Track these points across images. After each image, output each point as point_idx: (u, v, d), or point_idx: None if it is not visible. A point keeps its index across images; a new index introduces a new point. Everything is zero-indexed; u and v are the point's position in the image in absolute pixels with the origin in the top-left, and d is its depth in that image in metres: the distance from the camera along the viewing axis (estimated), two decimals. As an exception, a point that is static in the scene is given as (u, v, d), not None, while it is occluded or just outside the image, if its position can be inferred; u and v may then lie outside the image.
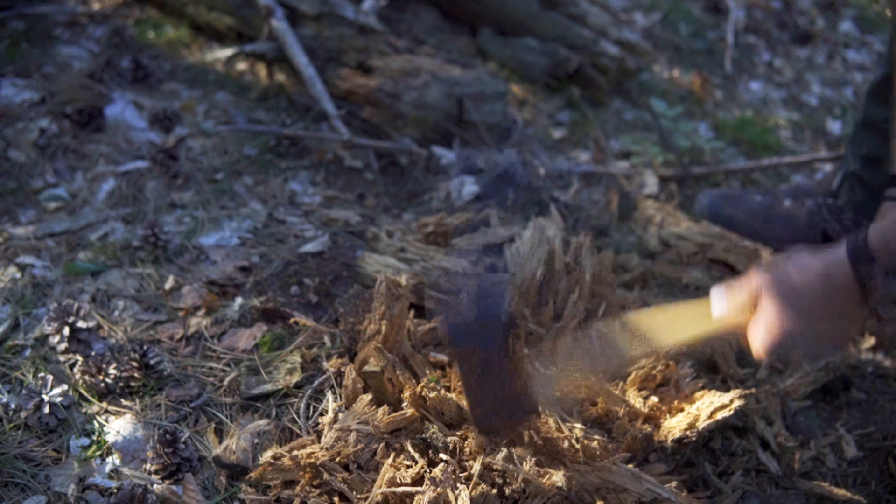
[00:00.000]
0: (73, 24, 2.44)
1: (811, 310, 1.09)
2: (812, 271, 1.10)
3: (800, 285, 1.10)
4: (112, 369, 1.38)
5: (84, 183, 1.89)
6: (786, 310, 1.10)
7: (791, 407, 1.49)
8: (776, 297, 1.11)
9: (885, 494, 1.38)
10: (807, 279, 1.10)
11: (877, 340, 1.74)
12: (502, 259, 1.68)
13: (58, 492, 1.21)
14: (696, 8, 3.42)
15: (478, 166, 2.04)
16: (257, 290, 1.62)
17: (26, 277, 1.60)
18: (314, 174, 2.03)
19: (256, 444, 1.29)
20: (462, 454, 1.21)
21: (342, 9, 2.26)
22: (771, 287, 1.12)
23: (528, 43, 2.59)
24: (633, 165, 2.29)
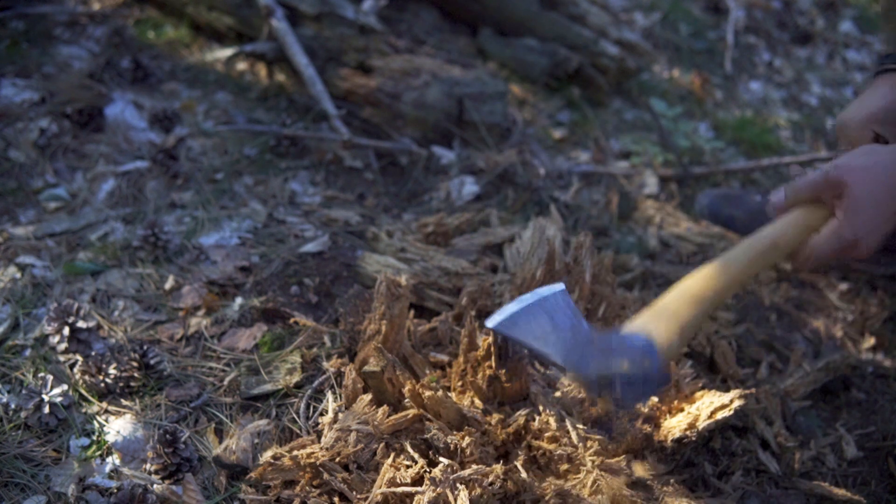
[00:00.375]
0: (73, 24, 2.44)
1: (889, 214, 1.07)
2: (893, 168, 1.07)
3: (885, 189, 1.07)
4: (112, 369, 1.38)
5: (84, 183, 1.89)
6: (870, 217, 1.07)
7: (791, 407, 1.49)
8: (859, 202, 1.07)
9: (885, 494, 1.38)
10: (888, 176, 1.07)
11: (877, 340, 1.74)
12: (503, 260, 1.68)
13: (58, 492, 1.21)
14: (696, 8, 3.42)
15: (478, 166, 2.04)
16: (257, 290, 1.62)
17: (26, 277, 1.61)
18: (314, 174, 2.03)
19: (256, 444, 1.29)
20: (462, 455, 1.21)
21: (342, 9, 2.26)
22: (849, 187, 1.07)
23: (528, 43, 2.59)
24: (633, 165, 2.29)
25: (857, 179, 1.08)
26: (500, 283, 1.57)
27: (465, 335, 1.37)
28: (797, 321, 1.78)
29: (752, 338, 1.69)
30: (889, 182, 1.07)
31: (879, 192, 1.07)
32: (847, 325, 1.79)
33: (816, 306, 1.84)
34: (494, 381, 1.31)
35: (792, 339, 1.72)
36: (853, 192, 1.08)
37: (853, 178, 1.08)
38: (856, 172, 1.08)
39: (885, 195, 1.07)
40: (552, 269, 1.57)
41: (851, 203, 1.08)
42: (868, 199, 1.07)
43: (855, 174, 1.08)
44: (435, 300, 1.57)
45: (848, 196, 1.09)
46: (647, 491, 1.20)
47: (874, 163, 1.09)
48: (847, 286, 1.89)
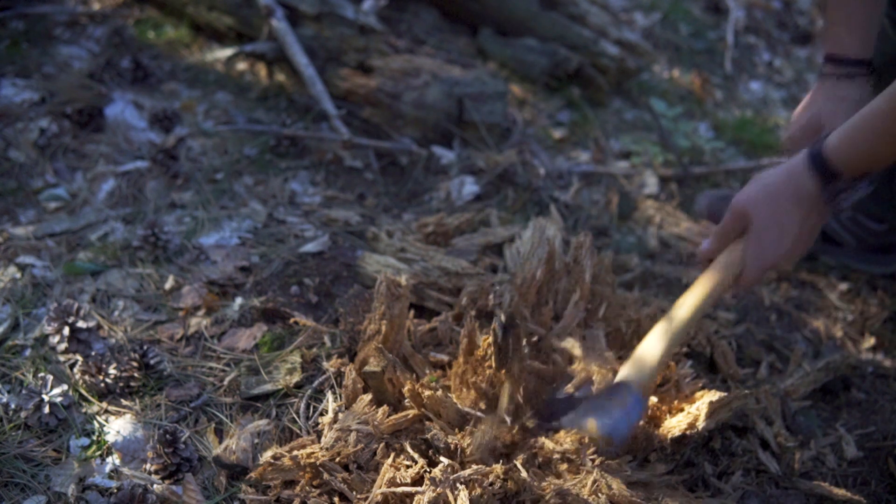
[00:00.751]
0: (73, 24, 2.44)
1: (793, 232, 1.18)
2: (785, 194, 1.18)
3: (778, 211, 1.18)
4: (112, 369, 1.38)
5: (84, 183, 1.89)
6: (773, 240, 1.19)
7: (791, 407, 1.49)
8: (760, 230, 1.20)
9: (885, 494, 1.38)
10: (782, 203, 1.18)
11: (877, 340, 1.74)
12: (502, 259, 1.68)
13: (58, 492, 1.21)
14: (696, 8, 3.42)
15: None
16: (257, 290, 1.62)
17: (26, 277, 1.61)
18: (314, 174, 2.03)
19: (256, 444, 1.29)
20: (463, 455, 1.21)
21: (342, 9, 2.26)
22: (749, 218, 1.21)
23: (528, 43, 2.59)
24: (633, 165, 2.29)
25: (756, 206, 1.20)
26: (500, 283, 1.57)
27: (465, 335, 1.37)
28: (797, 321, 1.78)
29: (752, 338, 1.69)
30: (784, 198, 1.18)
31: (778, 211, 1.18)
32: (847, 325, 1.79)
33: (816, 306, 1.84)
34: (495, 381, 1.31)
35: (792, 339, 1.72)
36: (755, 219, 1.20)
37: (752, 206, 1.20)
38: (753, 200, 1.20)
39: (784, 213, 1.18)
40: (552, 269, 1.57)
41: (756, 230, 1.20)
42: (770, 224, 1.19)
43: (753, 201, 1.20)
44: (435, 300, 1.57)
45: (753, 224, 1.20)
46: (647, 491, 1.20)
47: (765, 188, 1.20)
48: (847, 286, 1.89)
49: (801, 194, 1.17)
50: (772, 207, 1.18)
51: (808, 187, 1.16)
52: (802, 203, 1.17)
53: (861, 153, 1.12)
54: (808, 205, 1.17)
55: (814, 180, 1.15)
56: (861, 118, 1.12)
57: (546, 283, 1.55)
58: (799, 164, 1.17)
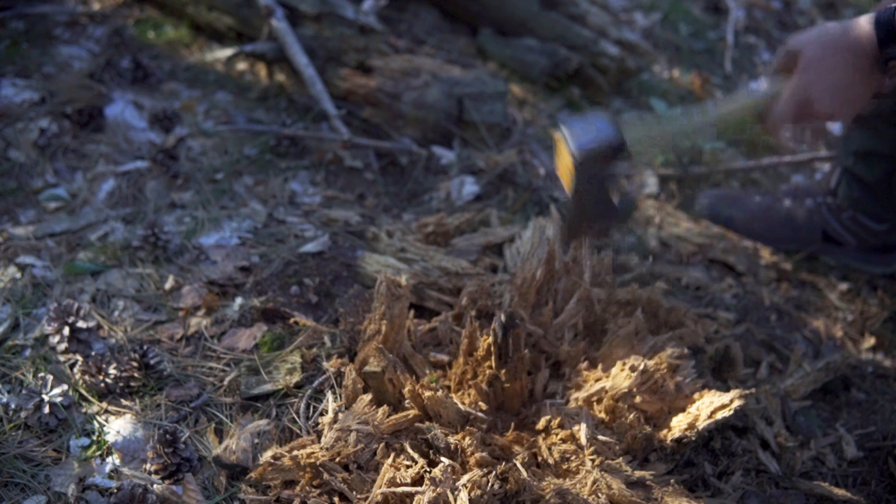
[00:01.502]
0: (73, 24, 2.44)
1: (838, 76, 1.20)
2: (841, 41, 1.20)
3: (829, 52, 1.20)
4: (112, 369, 1.38)
5: (84, 183, 1.89)
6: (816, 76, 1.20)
7: (791, 407, 1.49)
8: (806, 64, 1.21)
9: (885, 494, 1.38)
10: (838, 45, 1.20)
11: (877, 340, 1.74)
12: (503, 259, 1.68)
13: (58, 492, 1.21)
14: (696, 8, 3.42)
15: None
16: (257, 290, 1.62)
17: (26, 277, 1.61)
18: (314, 174, 2.03)
19: (256, 444, 1.29)
20: (463, 455, 1.21)
21: (342, 9, 2.26)
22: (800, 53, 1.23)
23: (528, 43, 2.58)
24: (633, 165, 2.29)
25: (808, 44, 1.23)
26: (500, 283, 1.58)
27: (466, 336, 1.37)
28: (797, 321, 1.78)
29: (752, 338, 1.69)
30: (836, 44, 1.20)
31: (827, 52, 1.21)
32: (847, 325, 1.79)
33: (816, 306, 1.84)
34: (495, 381, 1.31)
35: (792, 339, 1.72)
36: (804, 55, 1.22)
37: (805, 44, 1.23)
38: (808, 39, 1.24)
39: (833, 55, 1.20)
40: (552, 269, 1.57)
41: (802, 64, 1.23)
42: (816, 59, 1.21)
43: (806, 40, 1.24)
44: (435, 300, 1.57)
45: (800, 59, 1.23)
46: (646, 491, 1.20)
47: (824, 30, 1.23)
48: (847, 286, 1.89)
49: (855, 46, 1.18)
50: (822, 49, 1.20)
51: (864, 41, 1.17)
52: (853, 54, 1.18)
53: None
54: (859, 58, 1.18)
55: (872, 35, 1.16)
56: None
57: (546, 283, 1.55)
58: (862, 19, 1.19)
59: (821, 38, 1.22)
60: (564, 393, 1.40)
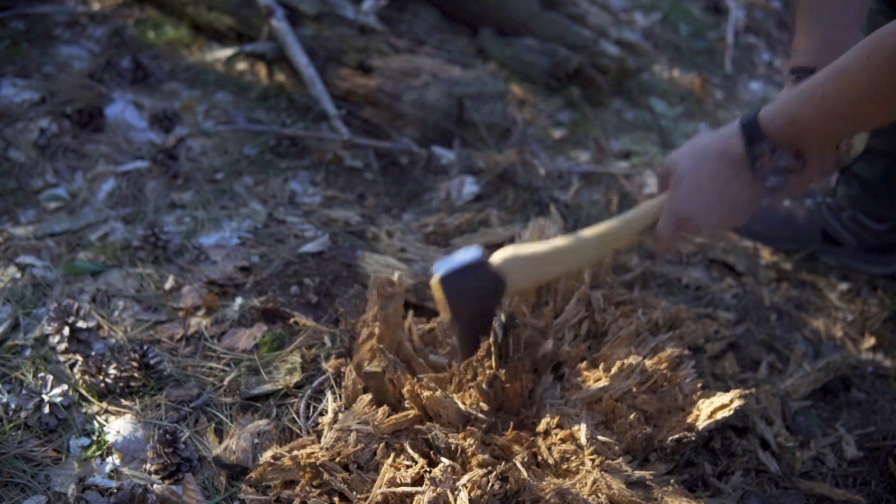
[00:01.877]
0: (73, 24, 2.44)
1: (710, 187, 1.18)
2: (710, 150, 1.19)
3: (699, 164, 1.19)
4: (112, 369, 1.38)
5: (84, 183, 1.89)
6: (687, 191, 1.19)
7: (791, 407, 1.49)
8: (678, 179, 1.21)
9: (885, 494, 1.38)
10: (707, 155, 1.19)
11: (877, 340, 1.74)
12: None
13: (58, 492, 1.21)
14: (696, 8, 3.42)
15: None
16: (257, 290, 1.62)
17: (26, 277, 1.61)
18: (314, 174, 2.03)
19: (256, 444, 1.29)
20: (463, 455, 1.21)
21: (342, 9, 2.26)
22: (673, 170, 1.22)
23: (528, 43, 2.58)
24: (633, 165, 2.29)
25: (680, 159, 1.22)
26: (500, 283, 1.57)
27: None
28: (797, 321, 1.78)
29: (752, 338, 1.69)
30: (705, 154, 1.20)
31: (696, 164, 1.20)
32: (847, 325, 1.79)
33: (816, 306, 1.84)
34: (495, 381, 1.31)
35: (792, 339, 1.72)
36: (676, 171, 1.21)
37: (677, 159, 1.22)
38: (680, 153, 1.22)
39: (702, 167, 1.19)
40: (552, 269, 1.56)
41: (674, 180, 1.21)
42: (686, 173, 1.20)
43: (679, 155, 1.22)
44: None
45: (673, 175, 1.22)
46: (646, 491, 1.20)
47: (696, 142, 1.22)
48: (847, 286, 1.89)
49: (726, 152, 1.17)
50: (694, 161, 1.19)
51: (733, 146, 1.16)
52: (724, 161, 1.17)
53: (787, 120, 1.13)
54: (731, 165, 1.17)
55: (740, 139, 1.16)
56: (798, 89, 1.12)
57: (546, 283, 1.55)
58: (732, 125, 1.18)
59: (692, 149, 1.21)
60: (564, 393, 1.40)
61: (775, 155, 1.15)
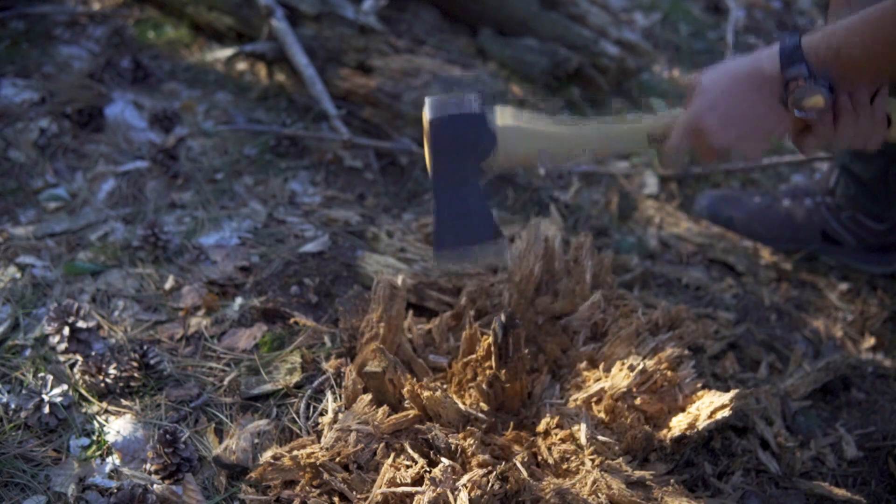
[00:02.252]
0: (73, 24, 2.44)
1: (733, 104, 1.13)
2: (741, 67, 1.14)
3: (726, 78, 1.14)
4: (112, 369, 1.38)
5: (84, 183, 1.89)
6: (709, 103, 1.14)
7: (791, 407, 1.49)
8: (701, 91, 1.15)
9: (885, 494, 1.38)
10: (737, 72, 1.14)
11: (877, 340, 1.74)
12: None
13: (58, 492, 1.21)
14: (696, 8, 3.42)
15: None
16: (257, 290, 1.62)
17: (26, 277, 1.61)
18: (314, 174, 2.03)
19: (256, 444, 1.29)
20: (463, 455, 1.21)
21: (342, 9, 2.26)
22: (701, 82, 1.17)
23: (528, 43, 2.58)
24: (633, 165, 2.29)
25: (708, 73, 1.17)
26: (500, 282, 1.57)
27: (466, 338, 1.37)
28: (797, 321, 1.78)
29: (752, 338, 1.69)
30: (736, 70, 1.14)
31: (724, 78, 1.14)
32: (847, 325, 1.79)
33: (816, 306, 1.84)
34: (495, 381, 1.31)
35: (792, 339, 1.72)
36: (700, 84, 1.16)
37: (705, 73, 1.17)
38: (708, 70, 1.18)
39: (730, 81, 1.14)
40: (551, 268, 1.57)
41: (697, 91, 1.16)
42: (711, 85, 1.15)
43: (707, 72, 1.18)
44: (435, 300, 1.57)
45: (697, 87, 1.17)
46: (646, 491, 1.20)
47: (727, 62, 1.18)
48: (847, 286, 1.89)
49: (758, 72, 1.11)
50: (722, 75, 1.15)
51: (767, 67, 1.11)
52: (754, 80, 1.12)
53: (830, 49, 1.07)
54: (761, 86, 1.11)
55: (775, 58, 1.10)
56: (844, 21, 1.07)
57: (546, 283, 1.55)
58: (769, 47, 1.13)
59: (722, 66, 1.16)
60: (564, 393, 1.40)
61: (809, 81, 1.08)
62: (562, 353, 1.47)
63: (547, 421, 1.30)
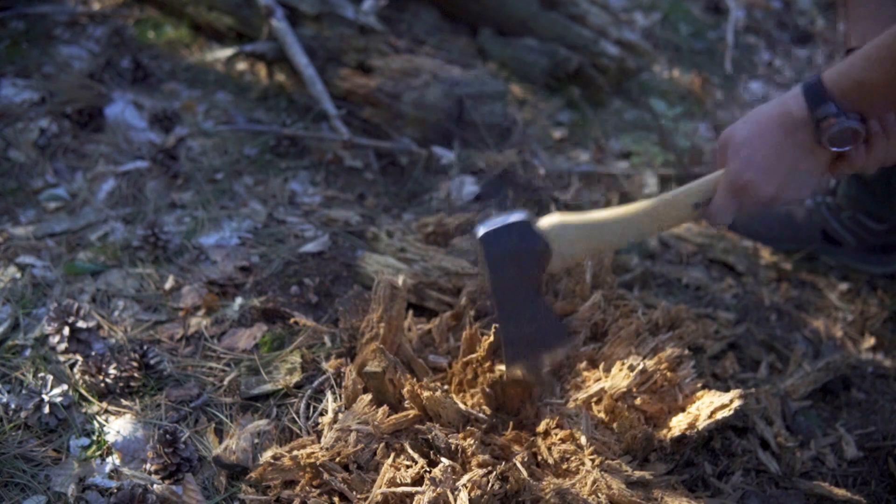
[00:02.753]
0: (73, 24, 2.44)
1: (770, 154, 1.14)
2: (769, 116, 1.15)
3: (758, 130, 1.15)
4: (112, 369, 1.38)
5: (84, 183, 1.89)
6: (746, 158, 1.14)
7: (791, 407, 1.49)
8: (736, 148, 1.16)
9: (885, 494, 1.38)
10: (767, 121, 1.15)
11: (877, 340, 1.74)
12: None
13: (58, 492, 1.21)
14: (696, 8, 3.42)
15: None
16: (257, 290, 1.62)
17: (26, 277, 1.61)
18: (314, 174, 2.03)
19: (256, 444, 1.29)
20: (463, 455, 1.21)
21: (342, 9, 2.26)
22: (730, 140, 1.18)
23: (528, 43, 2.59)
24: (633, 165, 2.29)
25: (737, 128, 1.18)
26: (500, 283, 1.57)
27: (466, 338, 1.37)
28: (797, 321, 1.78)
29: (752, 338, 1.69)
30: (766, 120, 1.15)
31: (757, 131, 1.15)
32: (847, 325, 1.79)
33: (816, 306, 1.84)
34: (496, 382, 1.31)
35: (792, 339, 1.72)
36: (734, 142, 1.17)
37: (734, 130, 1.18)
38: (737, 125, 1.18)
39: (763, 132, 1.14)
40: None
41: (732, 149, 1.17)
42: (746, 140, 1.15)
43: (736, 127, 1.18)
44: (435, 300, 1.57)
45: (730, 146, 1.18)
46: (646, 491, 1.20)
47: (754, 112, 1.18)
48: (847, 286, 1.89)
49: (788, 118, 1.13)
50: (753, 128, 1.15)
51: (795, 111, 1.12)
52: (786, 127, 1.13)
53: (853, 81, 1.08)
54: (793, 131, 1.12)
55: (802, 102, 1.11)
56: (862, 51, 1.08)
57: (546, 283, 1.55)
58: (791, 91, 1.14)
59: (750, 119, 1.17)
60: (564, 393, 1.40)
61: (840, 118, 1.09)
62: (562, 353, 1.47)
63: (547, 421, 1.30)
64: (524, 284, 1.22)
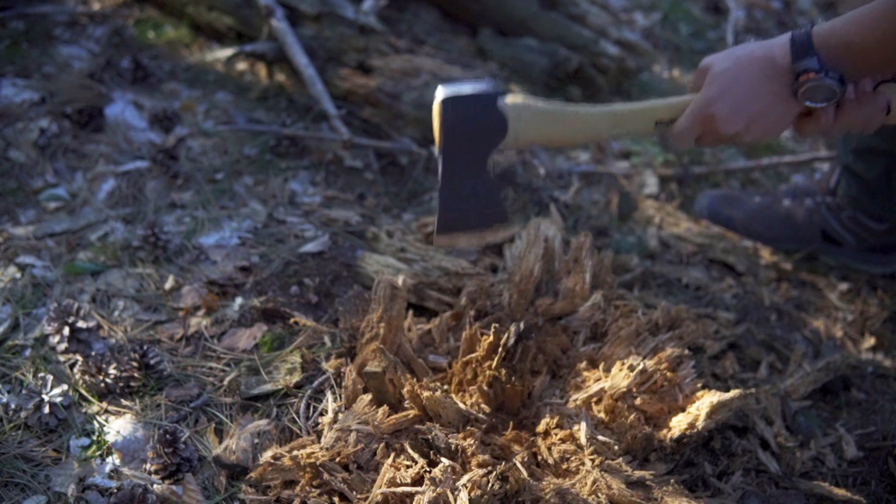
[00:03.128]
0: (73, 24, 2.44)
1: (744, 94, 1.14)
2: (752, 56, 1.15)
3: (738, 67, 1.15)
4: (112, 369, 1.38)
5: (84, 183, 1.89)
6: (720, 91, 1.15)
7: (791, 407, 1.49)
8: (712, 78, 1.16)
9: (885, 494, 1.38)
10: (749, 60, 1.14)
11: (877, 340, 1.74)
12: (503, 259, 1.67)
13: (58, 492, 1.21)
14: (696, 8, 3.42)
15: None
16: (257, 290, 1.62)
17: (26, 277, 1.61)
18: (314, 174, 2.03)
19: (256, 444, 1.29)
20: (463, 455, 1.21)
21: (342, 9, 2.26)
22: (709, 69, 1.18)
23: (528, 43, 2.58)
24: (633, 165, 2.29)
25: (718, 60, 1.18)
26: (500, 282, 1.58)
27: (466, 338, 1.37)
28: (797, 321, 1.78)
29: (752, 338, 1.69)
30: (747, 57, 1.15)
31: (736, 65, 1.15)
32: (847, 325, 1.79)
33: (816, 306, 1.84)
34: (496, 381, 1.31)
35: (792, 339, 1.72)
36: (712, 69, 1.17)
37: (715, 60, 1.18)
38: (718, 56, 1.18)
39: (741, 68, 1.14)
40: (550, 268, 1.57)
41: (709, 78, 1.17)
42: (723, 72, 1.15)
43: (717, 57, 1.18)
44: (435, 300, 1.57)
45: (708, 74, 1.18)
46: (646, 491, 1.20)
47: (737, 48, 1.18)
48: (847, 286, 1.89)
49: (769, 62, 1.13)
50: (733, 62, 1.15)
51: (778, 57, 1.12)
52: (765, 70, 1.13)
53: (842, 40, 1.08)
54: (771, 76, 1.12)
55: (786, 49, 1.11)
56: (858, 11, 1.08)
57: (546, 283, 1.55)
58: (782, 37, 1.13)
59: (732, 52, 1.17)
60: (564, 393, 1.40)
61: (820, 74, 1.09)
62: (562, 354, 1.47)
63: (547, 421, 1.30)
64: (474, 157, 1.20)
